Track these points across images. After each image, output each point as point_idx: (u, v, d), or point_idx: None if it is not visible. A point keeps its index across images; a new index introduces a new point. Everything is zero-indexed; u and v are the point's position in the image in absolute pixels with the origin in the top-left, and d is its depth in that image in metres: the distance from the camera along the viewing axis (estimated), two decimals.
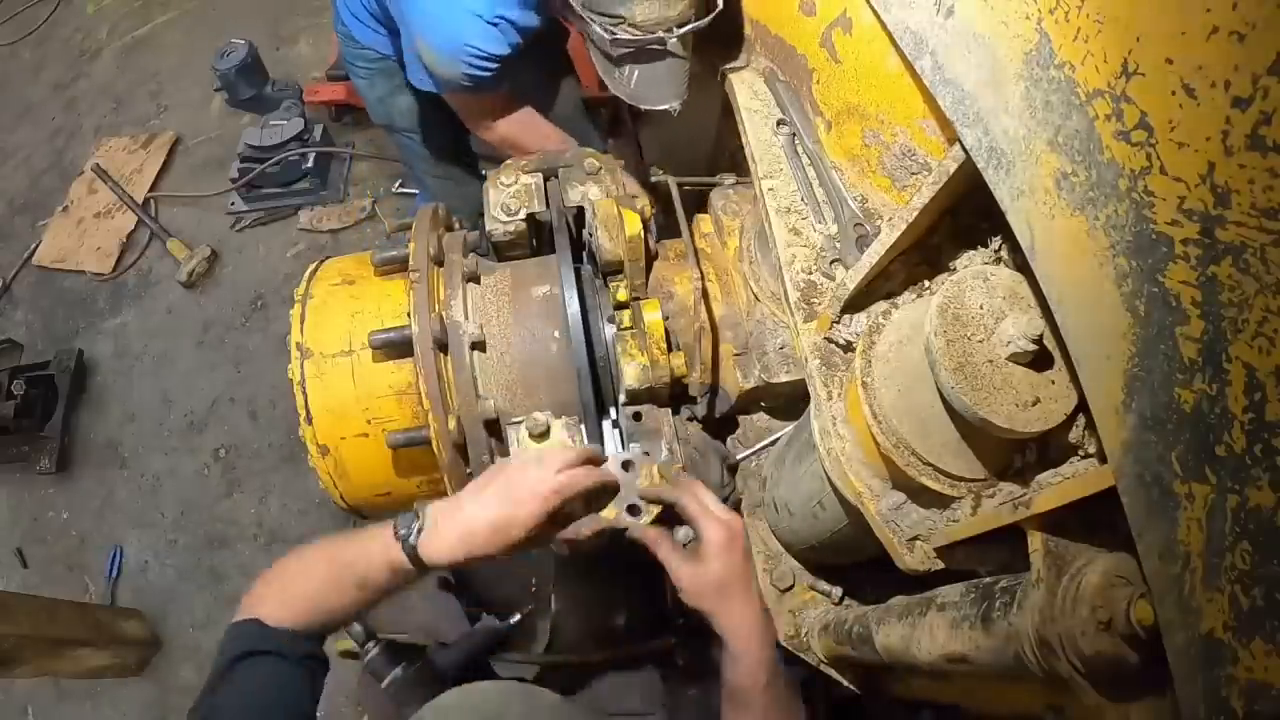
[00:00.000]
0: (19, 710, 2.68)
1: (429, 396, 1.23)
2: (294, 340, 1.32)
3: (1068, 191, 0.66)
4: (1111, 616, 0.70)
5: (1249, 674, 0.54)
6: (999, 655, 0.83)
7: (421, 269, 1.29)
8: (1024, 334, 0.76)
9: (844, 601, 1.41)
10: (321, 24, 4.02)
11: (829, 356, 1.08)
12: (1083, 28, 0.64)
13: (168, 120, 3.95)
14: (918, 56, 0.84)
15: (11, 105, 4.31)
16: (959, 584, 0.96)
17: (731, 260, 1.46)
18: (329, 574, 1.01)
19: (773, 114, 1.25)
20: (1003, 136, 0.72)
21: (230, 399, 3.09)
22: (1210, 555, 0.56)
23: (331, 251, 3.21)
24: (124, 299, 3.44)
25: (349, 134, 3.65)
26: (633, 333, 1.31)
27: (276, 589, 1.01)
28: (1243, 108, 0.51)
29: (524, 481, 1.02)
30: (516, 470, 1.04)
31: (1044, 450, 0.88)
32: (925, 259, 1.01)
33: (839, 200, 1.14)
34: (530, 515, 1.00)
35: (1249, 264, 0.52)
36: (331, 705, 0.94)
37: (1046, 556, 0.76)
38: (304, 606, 0.99)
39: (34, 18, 4.67)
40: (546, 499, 1.00)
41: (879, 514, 0.99)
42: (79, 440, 3.14)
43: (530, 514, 1.00)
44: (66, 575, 2.88)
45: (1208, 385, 0.56)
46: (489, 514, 1.00)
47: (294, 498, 2.83)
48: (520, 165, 1.45)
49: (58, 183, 3.88)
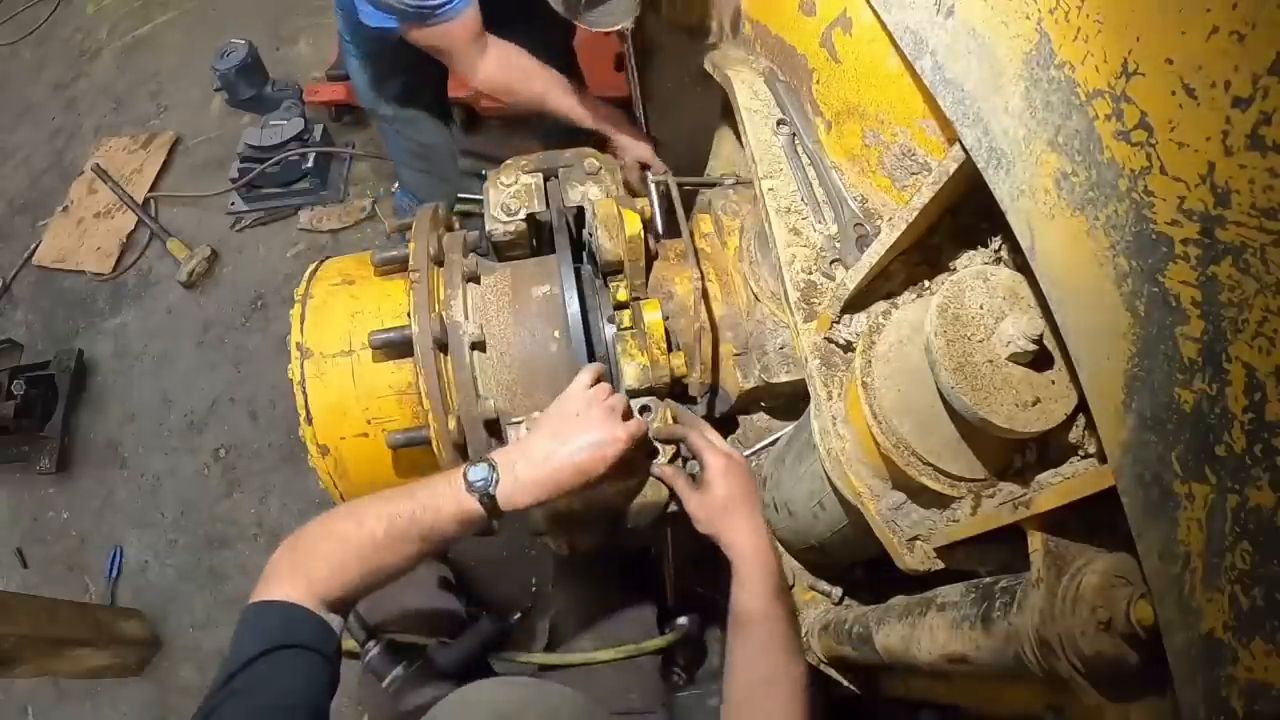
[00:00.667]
0: (19, 710, 2.68)
1: (429, 396, 1.23)
2: (294, 340, 1.32)
3: (1068, 191, 0.66)
4: (1111, 616, 0.70)
5: (1249, 674, 0.54)
6: (999, 655, 0.83)
7: (421, 269, 1.29)
8: (1024, 334, 0.76)
9: (844, 601, 1.41)
10: (322, 24, 4.02)
11: (829, 356, 1.08)
12: (1083, 28, 0.64)
13: (168, 120, 3.95)
14: (918, 56, 0.84)
15: (11, 105, 4.31)
16: (959, 584, 0.97)
17: (731, 260, 1.46)
18: (389, 531, 0.99)
19: (773, 114, 1.25)
20: (1003, 136, 0.72)
21: (230, 399, 3.09)
22: (1210, 555, 0.56)
23: (331, 251, 3.21)
24: (124, 299, 3.44)
25: (349, 134, 3.65)
26: (633, 333, 1.31)
27: (328, 555, 0.97)
28: (1243, 108, 0.51)
29: (605, 429, 1.09)
30: (591, 418, 1.10)
31: (1044, 450, 0.88)
32: (925, 259, 1.01)
33: (839, 200, 1.14)
34: (612, 459, 1.08)
35: (1249, 264, 0.52)
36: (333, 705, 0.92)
37: (1046, 556, 0.77)
38: (356, 572, 0.97)
39: (34, 18, 4.66)
40: (626, 445, 1.09)
41: (879, 514, 0.99)
42: (79, 440, 3.14)
43: (612, 457, 1.08)
44: (66, 575, 2.88)
45: (1208, 385, 0.56)
46: (577, 460, 1.07)
47: (294, 498, 2.83)
48: (520, 165, 1.45)
49: (58, 183, 3.88)
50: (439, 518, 1.02)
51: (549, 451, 1.07)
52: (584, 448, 1.07)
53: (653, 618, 1.59)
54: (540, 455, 1.07)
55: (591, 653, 1.45)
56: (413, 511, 1.01)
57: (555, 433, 1.09)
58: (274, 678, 0.86)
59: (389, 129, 2.45)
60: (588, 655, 1.44)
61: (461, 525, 1.03)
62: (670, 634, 1.55)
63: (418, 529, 1.01)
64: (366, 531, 0.99)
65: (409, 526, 1.00)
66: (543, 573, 2.48)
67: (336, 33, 3.68)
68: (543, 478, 1.05)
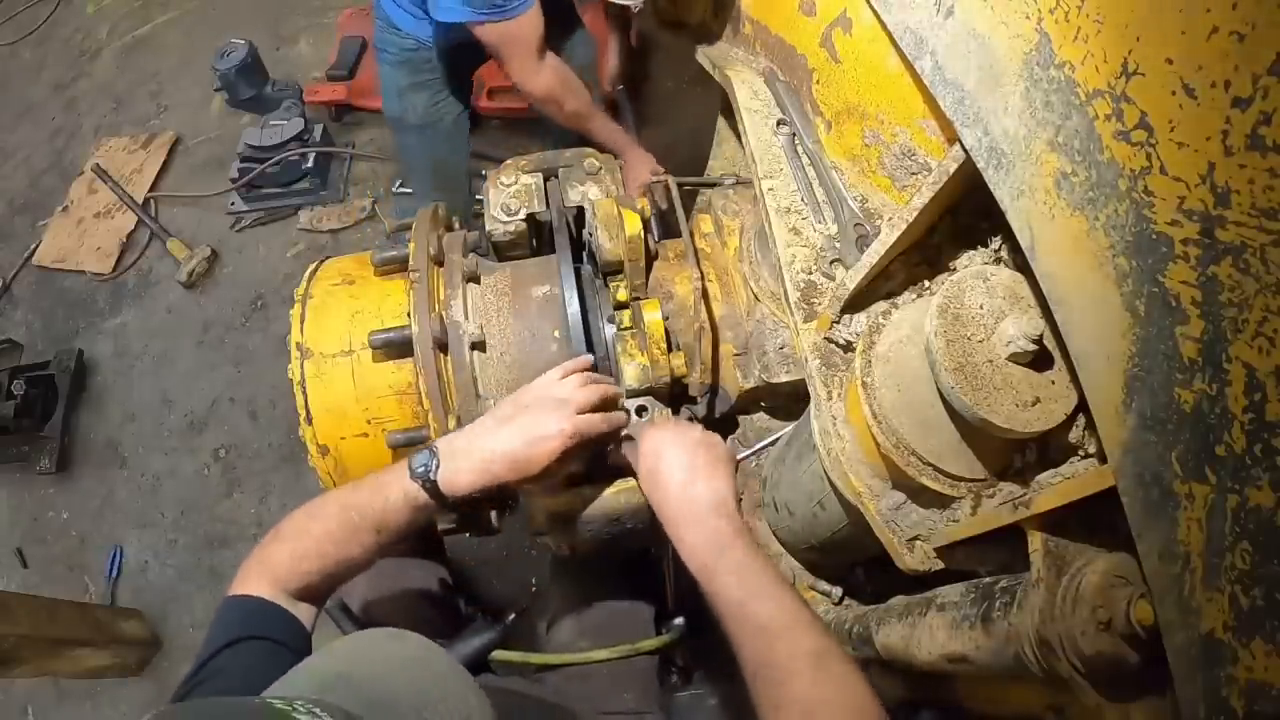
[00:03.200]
0: (19, 710, 2.67)
1: (429, 396, 1.23)
2: (294, 340, 1.32)
3: (1068, 191, 0.66)
4: (1111, 616, 0.70)
5: (1249, 674, 0.54)
6: (999, 655, 0.83)
7: (421, 269, 1.29)
8: (1024, 334, 0.76)
9: (844, 601, 1.41)
10: (322, 24, 4.02)
11: (829, 356, 1.08)
12: (1083, 28, 0.64)
13: (168, 120, 3.95)
14: (918, 56, 0.84)
15: (11, 105, 4.31)
16: (959, 584, 0.97)
17: (731, 260, 1.46)
18: (343, 523, 1.01)
19: (773, 114, 1.25)
20: (1003, 136, 0.72)
21: (230, 399, 3.09)
22: (1210, 555, 0.56)
23: (331, 251, 3.21)
24: (124, 299, 3.43)
25: (349, 134, 3.65)
26: (633, 333, 1.31)
27: (288, 548, 1.00)
28: (1243, 108, 0.51)
29: (544, 422, 1.05)
30: (538, 408, 1.07)
31: (1044, 450, 0.88)
32: (925, 259, 1.01)
33: (839, 200, 1.14)
34: (547, 454, 1.04)
35: (1249, 264, 0.52)
36: None
37: (1046, 556, 0.77)
38: (316, 564, 0.99)
39: (34, 18, 4.66)
40: (563, 441, 1.05)
41: (879, 514, 0.99)
42: (79, 440, 3.14)
43: (548, 453, 1.04)
44: (66, 575, 2.88)
45: (1208, 385, 0.56)
46: (509, 449, 1.04)
47: (294, 498, 2.83)
48: (520, 165, 1.45)
49: (58, 183, 3.88)
50: (388, 505, 1.02)
51: (487, 439, 1.06)
52: (522, 438, 1.04)
53: (649, 617, 1.59)
54: (478, 443, 1.05)
55: (587, 653, 1.45)
56: (365, 501, 1.02)
57: (500, 420, 1.08)
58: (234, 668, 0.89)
59: (410, 139, 2.48)
60: (583, 655, 1.44)
61: (413, 511, 1.03)
62: (666, 634, 1.55)
63: (371, 519, 1.01)
64: (321, 524, 1.01)
65: (362, 517, 1.01)
66: (543, 573, 2.48)
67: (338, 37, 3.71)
68: (477, 465, 1.03)
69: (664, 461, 1.06)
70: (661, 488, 1.04)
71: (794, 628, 0.86)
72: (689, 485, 1.02)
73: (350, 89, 3.58)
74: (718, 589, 0.92)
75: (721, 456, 1.07)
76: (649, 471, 1.08)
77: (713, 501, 1.01)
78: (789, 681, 0.82)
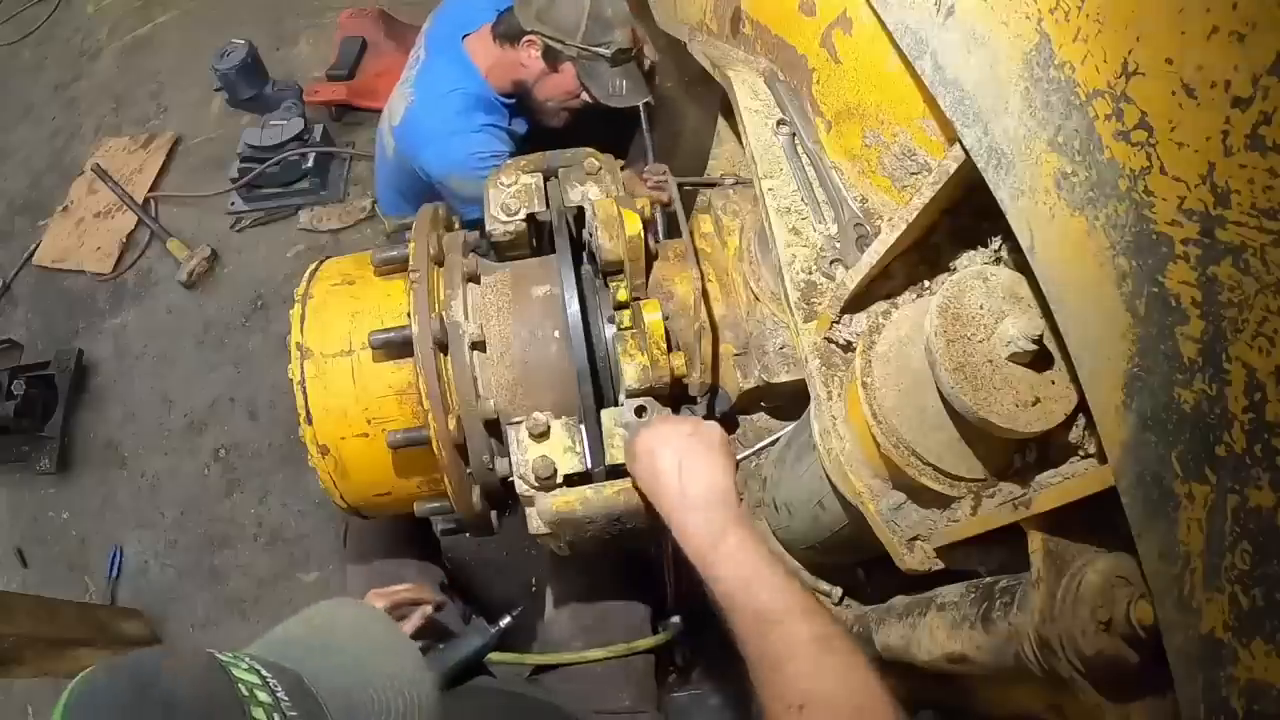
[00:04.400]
0: (19, 710, 2.68)
1: (429, 396, 1.23)
2: (294, 340, 1.32)
3: (1068, 191, 0.66)
4: (1111, 616, 0.70)
5: (1249, 674, 0.54)
6: (999, 655, 0.83)
7: (421, 269, 1.29)
8: (1024, 334, 0.76)
9: (844, 601, 1.41)
10: (322, 24, 4.02)
11: (829, 356, 1.08)
12: (1083, 28, 0.64)
13: (168, 120, 3.95)
14: (918, 56, 0.84)
15: (11, 105, 4.31)
16: (959, 584, 0.97)
17: (731, 260, 1.46)
18: None
19: (773, 114, 1.25)
20: (1003, 136, 0.72)
21: (230, 399, 3.09)
22: (1210, 555, 0.56)
23: (331, 251, 3.20)
24: (124, 299, 3.43)
25: (349, 134, 3.64)
26: (633, 333, 1.31)
27: None
28: (1243, 108, 0.51)
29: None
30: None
31: (1044, 450, 0.88)
32: (925, 259, 1.01)
33: (839, 200, 1.14)
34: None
35: (1249, 264, 0.52)
36: None
37: (1046, 556, 0.77)
38: None
39: (34, 18, 4.66)
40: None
41: (879, 514, 0.99)
42: (79, 440, 3.14)
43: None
44: (66, 575, 2.88)
45: (1208, 385, 0.56)
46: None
47: (294, 498, 2.83)
48: (520, 165, 1.45)
49: (58, 183, 3.87)
50: None
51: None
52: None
53: (646, 617, 1.59)
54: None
55: (584, 652, 1.45)
56: None
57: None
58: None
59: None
60: (580, 655, 1.44)
61: None
62: (663, 633, 1.55)
63: None
64: None
65: None
66: (542, 573, 2.48)
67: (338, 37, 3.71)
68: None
69: (659, 456, 1.04)
70: (658, 481, 1.03)
71: (793, 614, 0.83)
72: (684, 475, 1.00)
73: (350, 89, 3.57)
74: (716, 575, 0.90)
75: (716, 445, 1.04)
76: (645, 468, 1.06)
77: (709, 490, 0.98)
78: (789, 669, 0.80)
